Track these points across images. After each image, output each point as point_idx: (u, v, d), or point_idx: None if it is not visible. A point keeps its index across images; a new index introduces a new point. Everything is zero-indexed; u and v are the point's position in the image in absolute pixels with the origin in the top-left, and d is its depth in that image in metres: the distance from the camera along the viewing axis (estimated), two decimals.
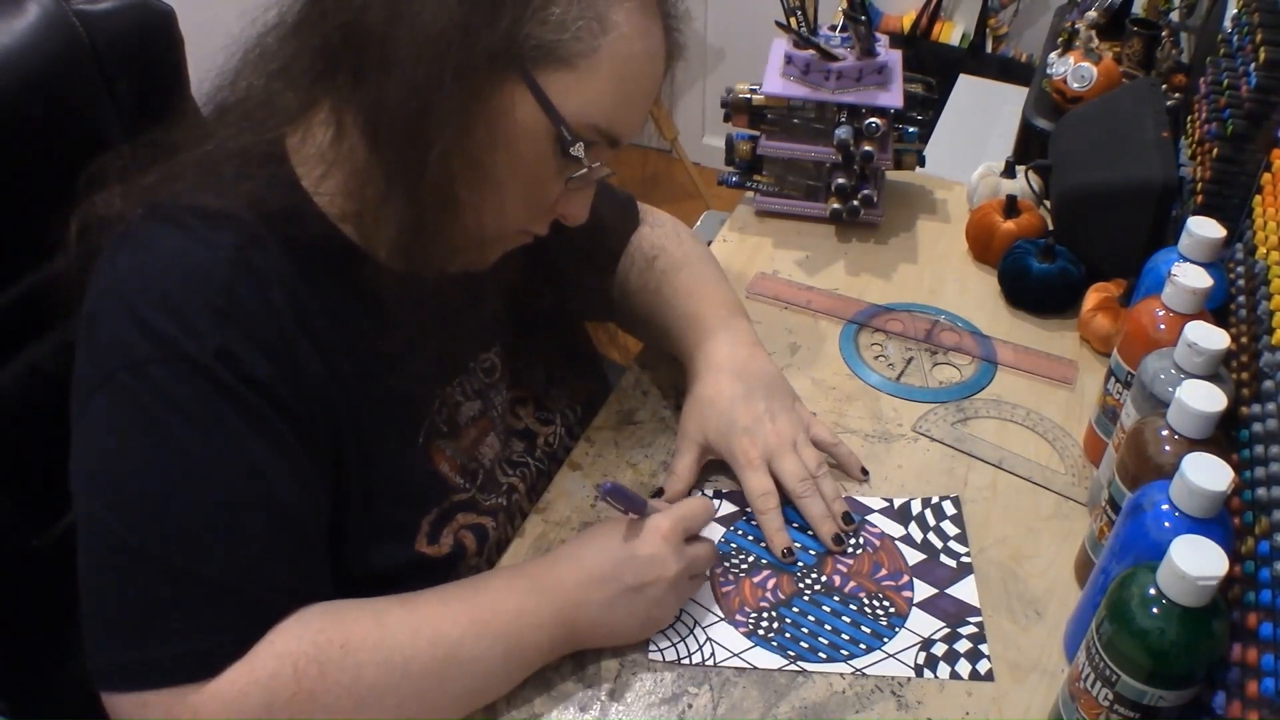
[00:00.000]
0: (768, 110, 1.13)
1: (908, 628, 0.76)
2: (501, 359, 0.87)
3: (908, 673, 0.73)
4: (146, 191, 0.69)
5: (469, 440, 0.82)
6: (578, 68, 0.65)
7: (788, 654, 0.75)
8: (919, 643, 0.75)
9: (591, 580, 0.71)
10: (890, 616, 0.77)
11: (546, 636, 0.70)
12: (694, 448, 0.85)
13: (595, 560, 0.72)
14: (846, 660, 0.74)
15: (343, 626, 0.65)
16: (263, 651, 0.63)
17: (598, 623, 0.71)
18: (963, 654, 0.75)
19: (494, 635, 0.68)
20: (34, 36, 0.79)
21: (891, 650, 0.75)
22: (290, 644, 0.64)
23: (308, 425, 0.68)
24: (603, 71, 0.65)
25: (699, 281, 0.96)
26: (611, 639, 0.73)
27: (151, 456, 0.63)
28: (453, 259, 0.71)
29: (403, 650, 0.66)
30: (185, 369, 0.63)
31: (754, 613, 0.77)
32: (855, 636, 0.76)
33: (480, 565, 0.81)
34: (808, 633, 0.76)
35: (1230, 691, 0.58)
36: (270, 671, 0.63)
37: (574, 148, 0.67)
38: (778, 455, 0.83)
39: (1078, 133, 1.10)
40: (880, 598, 0.79)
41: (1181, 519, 0.62)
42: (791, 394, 0.89)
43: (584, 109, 0.66)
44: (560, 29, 0.63)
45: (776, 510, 0.82)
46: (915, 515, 0.85)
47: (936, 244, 1.17)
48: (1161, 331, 0.79)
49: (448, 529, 0.79)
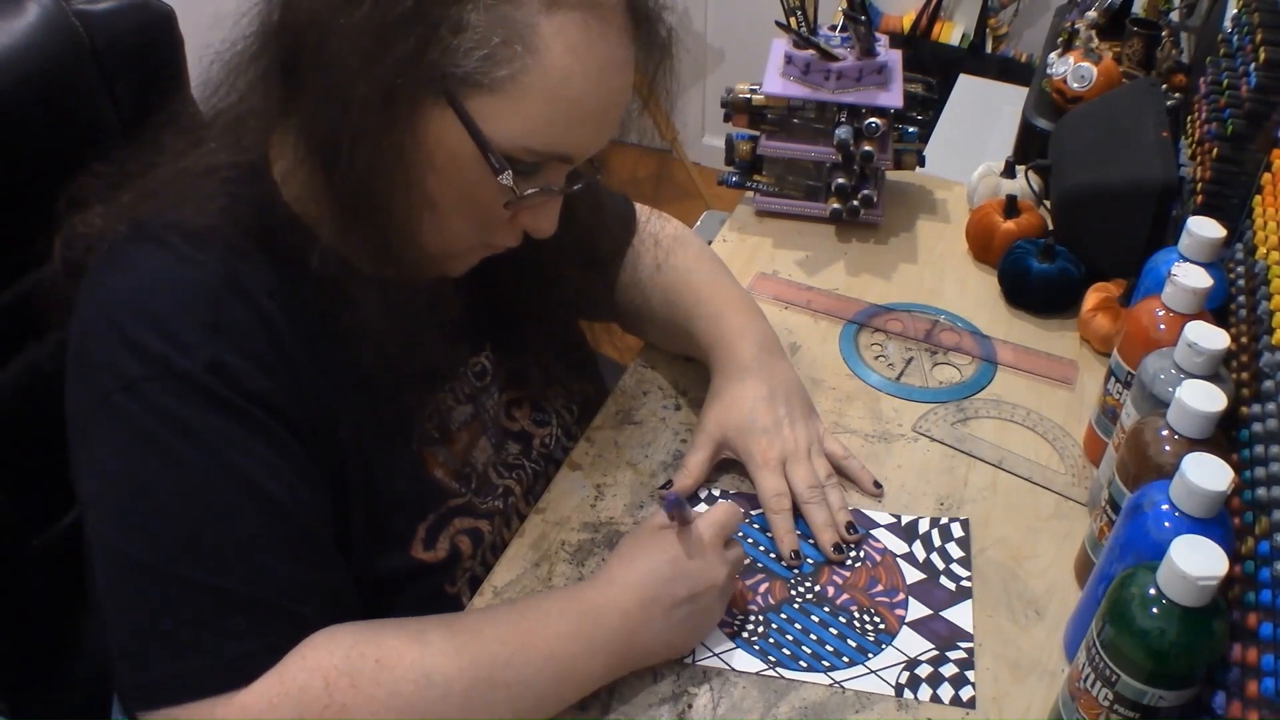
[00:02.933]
0: (768, 110, 1.13)
1: (895, 645, 0.75)
2: (493, 362, 0.86)
3: (887, 690, 0.72)
4: (126, 209, 0.69)
5: (461, 445, 0.82)
6: (501, 93, 0.62)
7: (768, 659, 0.74)
8: (904, 662, 0.74)
9: (647, 601, 0.70)
10: (879, 633, 0.76)
11: (601, 664, 0.69)
12: (710, 443, 0.86)
13: (648, 581, 0.71)
14: (826, 671, 0.73)
15: (378, 643, 0.64)
16: (293, 664, 0.62)
17: (656, 641, 0.71)
18: (947, 678, 0.73)
19: (544, 658, 0.67)
20: (34, 36, 0.79)
21: (874, 666, 0.74)
22: (322, 658, 0.63)
23: (308, 434, 0.68)
24: (531, 95, 0.62)
25: (718, 284, 0.96)
26: (669, 653, 0.73)
27: (154, 474, 0.62)
28: (416, 270, 0.71)
29: (444, 669, 0.64)
30: (178, 385, 0.62)
31: (740, 615, 0.77)
32: (839, 649, 0.75)
33: (475, 568, 0.81)
34: (792, 640, 0.76)
35: (1230, 691, 0.58)
36: (300, 684, 0.62)
37: (503, 176, 0.64)
38: (792, 459, 0.84)
39: (1078, 133, 1.10)
40: (871, 613, 0.78)
41: (1181, 519, 0.62)
42: (810, 403, 0.89)
43: (514, 134, 0.63)
44: (470, 57, 0.61)
45: (788, 513, 0.82)
46: (921, 534, 0.83)
47: (936, 244, 1.17)
48: (1161, 331, 0.79)
49: (444, 534, 0.78)
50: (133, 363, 0.63)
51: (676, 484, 0.85)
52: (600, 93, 0.66)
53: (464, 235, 0.71)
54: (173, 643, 0.61)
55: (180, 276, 0.65)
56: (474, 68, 0.61)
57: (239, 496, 0.63)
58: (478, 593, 0.79)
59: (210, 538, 0.62)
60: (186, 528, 0.62)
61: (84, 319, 0.66)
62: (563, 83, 0.63)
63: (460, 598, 0.80)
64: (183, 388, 0.63)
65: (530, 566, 0.81)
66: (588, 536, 0.83)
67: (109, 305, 0.65)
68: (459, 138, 0.63)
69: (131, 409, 0.62)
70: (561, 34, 0.62)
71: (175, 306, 0.64)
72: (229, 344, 0.64)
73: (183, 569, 0.61)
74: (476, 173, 0.65)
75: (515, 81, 0.62)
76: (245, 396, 0.64)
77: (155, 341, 0.63)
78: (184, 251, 0.66)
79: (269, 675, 0.62)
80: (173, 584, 0.61)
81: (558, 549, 0.82)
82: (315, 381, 0.69)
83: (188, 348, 0.63)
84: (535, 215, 0.70)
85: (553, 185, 0.69)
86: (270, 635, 0.63)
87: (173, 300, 0.65)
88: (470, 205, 0.68)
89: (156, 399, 0.62)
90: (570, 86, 0.63)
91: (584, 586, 0.72)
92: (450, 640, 0.66)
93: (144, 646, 0.61)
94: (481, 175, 0.65)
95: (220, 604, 0.62)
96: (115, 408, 0.63)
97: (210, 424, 0.63)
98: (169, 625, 0.61)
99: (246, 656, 0.62)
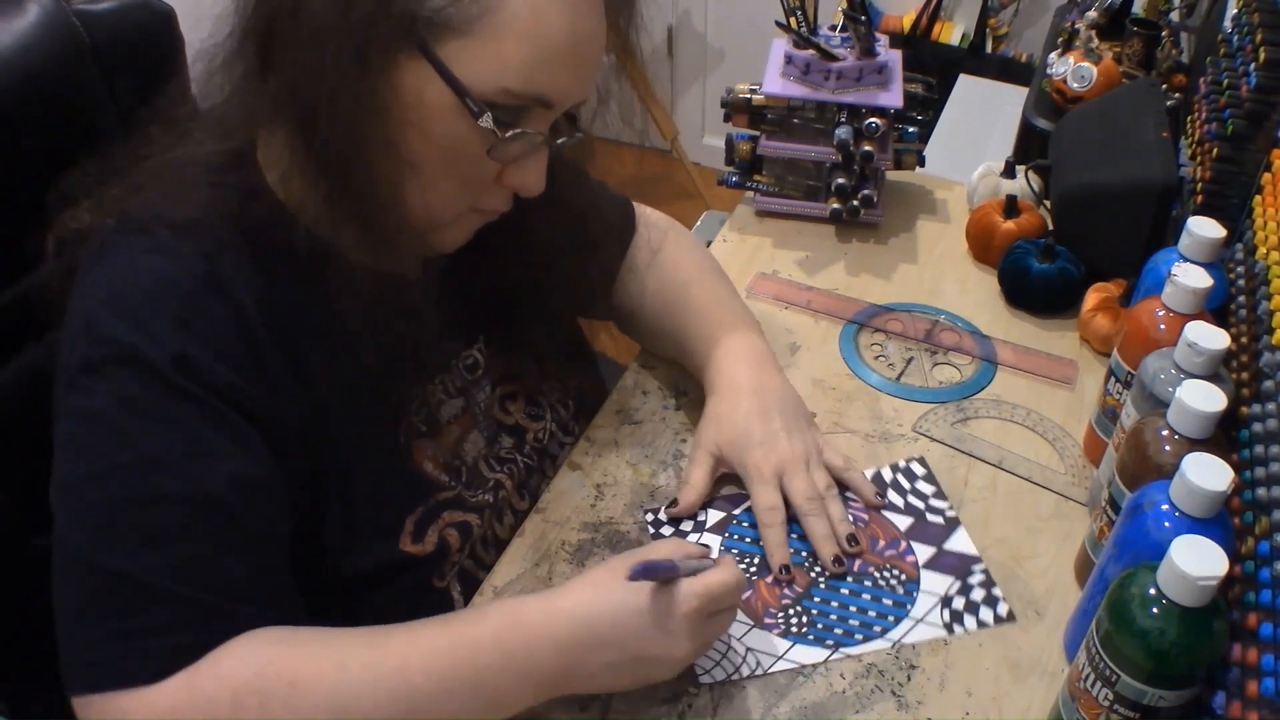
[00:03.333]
0: (768, 110, 1.13)
1: (924, 590, 0.79)
2: (485, 355, 0.86)
3: (940, 633, 0.76)
4: (114, 202, 0.69)
5: (451, 438, 0.82)
6: (475, 33, 0.62)
7: (826, 644, 0.75)
8: (938, 601, 0.78)
9: (594, 645, 0.66)
10: (905, 583, 0.79)
11: (531, 693, 0.66)
12: (708, 459, 0.85)
13: (602, 626, 0.66)
14: (882, 635, 0.76)
15: (295, 660, 0.62)
16: (205, 671, 0.61)
17: (591, 681, 0.68)
18: (980, 602, 0.78)
19: (470, 692, 0.64)
20: (34, 36, 0.79)
21: (917, 615, 0.77)
22: (235, 668, 0.61)
23: (276, 430, 0.67)
24: (503, 32, 0.63)
25: (712, 296, 0.96)
26: (610, 689, 0.70)
27: (101, 457, 0.63)
28: (407, 245, 0.70)
29: (360, 701, 0.61)
30: (141, 372, 0.63)
31: (779, 612, 0.78)
32: (881, 610, 0.78)
33: (464, 561, 0.81)
34: (836, 619, 0.77)
35: (1230, 691, 0.58)
36: (208, 695, 0.60)
37: (482, 119, 0.64)
38: (789, 471, 0.83)
39: (1078, 133, 1.10)
40: (888, 568, 0.80)
41: (1181, 519, 0.62)
42: (807, 415, 0.89)
43: (492, 75, 0.63)
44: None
45: (781, 526, 0.81)
46: (890, 482, 0.87)
47: (936, 244, 1.17)
48: (1161, 331, 0.79)
49: (433, 527, 0.78)
50: (100, 347, 0.63)
51: (681, 500, 0.84)
52: (573, 30, 0.65)
53: (451, 199, 0.70)
54: (95, 629, 0.61)
55: (158, 268, 0.66)
56: (445, 8, 0.62)
57: (183, 487, 0.63)
58: (478, 592, 0.79)
59: (145, 527, 0.62)
60: (123, 514, 0.62)
61: (69, 311, 0.67)
62: (534, 18, 0.63)
63: (449, 590, 0.80)
64: (145, 375, 0.63)
65: (530, 566, 0.81)
66: (588, 536, 0.83)
67: (89, 297, 0.66)
68: (436, 88, 0.64)
69: (93, 390, 0.63)
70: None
71: (148, 298, 0.65)
72: (198, 339, 0.64)
73: (113, 557, 0.61)
74: (457, 124, 0.65)
75: (486, 21, 0.62)
76: (210, 390, 0.64)
77: (124, 330, 0.63)
78: (168, 244, 0.66)
79: (180, 676, 0.60)
80: (102, 572, 0.61)
81: (558, 549, 0.82)
82: (292, 376, 0.69)
83: (156, 338, 0.63)
84: (523, 170, 0.70)
85: (536, 134, 0.68)
86: (191, 632, 0.61)
87: (147, 292, 0.65)
88: (454, 161, 0.67)
89: (118, 383, 0.63)
90: (542, 22, 0.64)
91: (527, 603, 0.67)
92: (371, 670, 0.63)
93: (68, 631, 0.62)
94: (462, 126, 0.65)
95: (145, 595, 0.61)
96: (78, 389, 0.64)
97: (168, 414, 0.63)
98: (94, 612, 0.61)
99: (164, 652, 0.61)
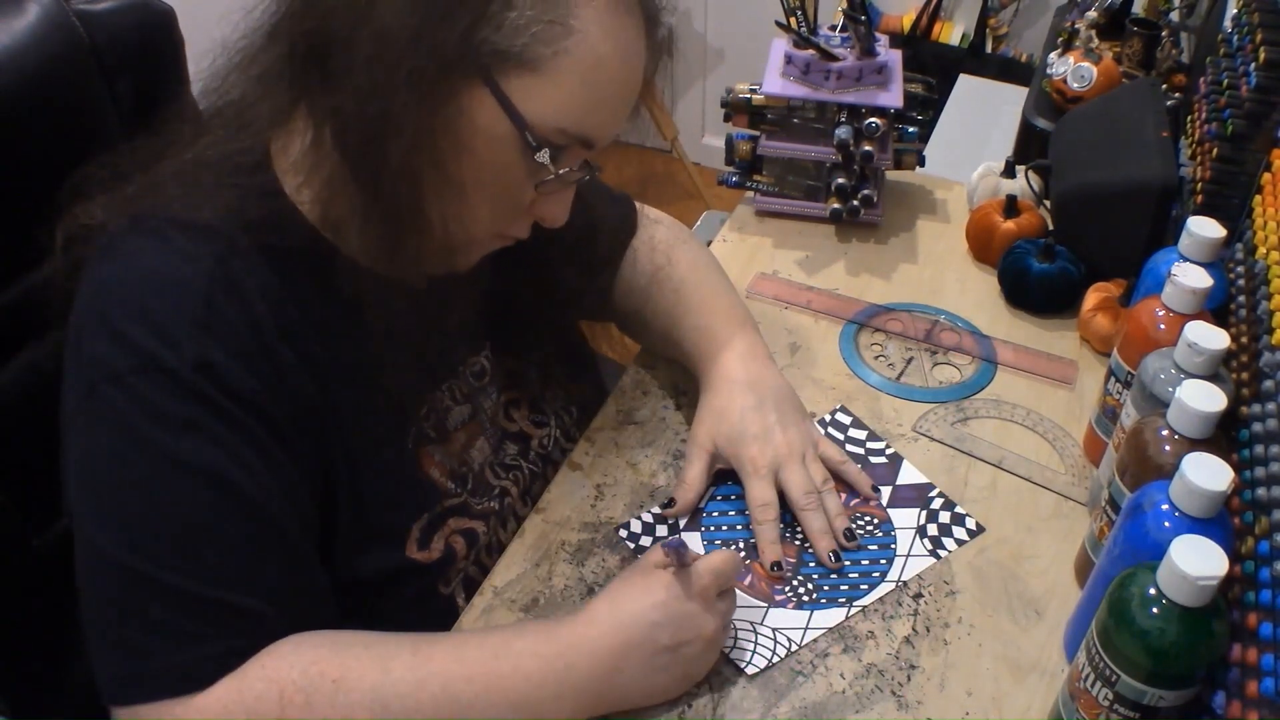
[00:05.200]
0: (768, 110, 1.13)
1: (899, 527, 0.83)
2: (492, 362, 0.86)
3: (930, 560, 0.81)
4: (128, 202, 0.69)
5: (458, 445, 0.82)
6: (541, 72, 0.63)
7: (839, 603, 0.78)
8: (914, 532, 0.83)
9: (627, 646, 0.67)
10: (880, 525, 0.84)
11: (570, 707, 0.67)
12: (704, 455, 0.85)
13: (631, 624, 0.68)
14: (884, 579, 0.80)
15: (340, 661, 0.64)
16: (253, 672, 0.62)
17: (633, 687, 0.69)
18: (950, 523, 0.83)
19: (510, 703, 0.65)
20: (34, 36, 0.79)
21: (904, 551, 0.81)
22: (281, 669, 0.63)
23: (292, 435, 0.68)
24: (568, 75, 0.64)
25: (709, 293, 0.96)
26: (647, 700, 0.70)
27: (131, 468, 0.63)
28: (429, 263, 0.71)
29: (403, 700, 0.63)
30: (164, 380, 0.63)
31: (785, 586, 0.79)
32: (872, 557, 0.81)
33: (469, 569, 0.81)
34: (837, 576, 0.80)
35: (1230, 691, 0.58)
36: (256, 694, 0.62)
37: (540, 154, 0.66)
38: (785, 466, 0.83)
39: (1078, 133, 1.10)
40: (861, 516, 0.85)
41: (1181, 519, 0.62)
42: (802, 409, 0.89)
43: (550, 113, 0.65)
44: (520, 33, 0.62)
45: (773, 523, 0.81)
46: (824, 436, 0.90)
47: (936, 244, 1.17)
48: (1161, 331, 0.79)
49: (439, 534, 0.78)
50: (120, 355, 0.63)
51: (678, 499, 0.84)
52: (625, 78, 0.68)
53: (483, 223, 0.71)
54: (137, 642, 0.62)
55: (174, 272, 0.66)
56: (521, 45, 0.63)
57: (214, 495, 0.63)
58: (478, 592, 0.79)
59: (179, 536, 0.62)
60: (157, 525, 0.62)
61: (78, 311, 0.66)
62: (597, 65, 0.65)
63: (454, 598, 0.80)
64: (168, 383, 0.63)
65: (530, 567, 0.81)
66: (588, 536, 0.83)
67: (102, 298, 0.65)
68: (496, 117, 0.64)
69: (116, 400, 0.63)
70: (598, 16, 0.64)
71: (166, 302, 0.65)
72: (218, 343, 0.64)
73: (149, 567, 0.62)
74: (508, 153, 0.66)
75: (552, 62, 0.64)
76: (230, 396, 0.64)
77: (144, 336, 0.63)
78: (181, 246, 0.66)
79: (228, 680, 0.62)
80: (140, 583, 0.62)
81: (558, 549, 0.82)
82: (305, 380, 0.69)
83: (176, 344, 0.63)
84: (552, 203, 0.72)
85: (581, 173, 0.70)
86: (233, 638, 0.63)
87: (165, 296, 0.65)
88: (497, 189, 0.69)
89: (141, 392, 0.63)
90: (602, 69, 0.65)
91: (563, 623, 0.69)
92: (414, 671, 0.64)
93: (111, 643, 0.62)
94: (513, 156, 0.66)
95: (185, 605, 0.62)
96: (100, 398, 0.63)
97: (192, 422, 0.63)
98: (135, 624, 0.62)
99: (207, 659, 0.62)
